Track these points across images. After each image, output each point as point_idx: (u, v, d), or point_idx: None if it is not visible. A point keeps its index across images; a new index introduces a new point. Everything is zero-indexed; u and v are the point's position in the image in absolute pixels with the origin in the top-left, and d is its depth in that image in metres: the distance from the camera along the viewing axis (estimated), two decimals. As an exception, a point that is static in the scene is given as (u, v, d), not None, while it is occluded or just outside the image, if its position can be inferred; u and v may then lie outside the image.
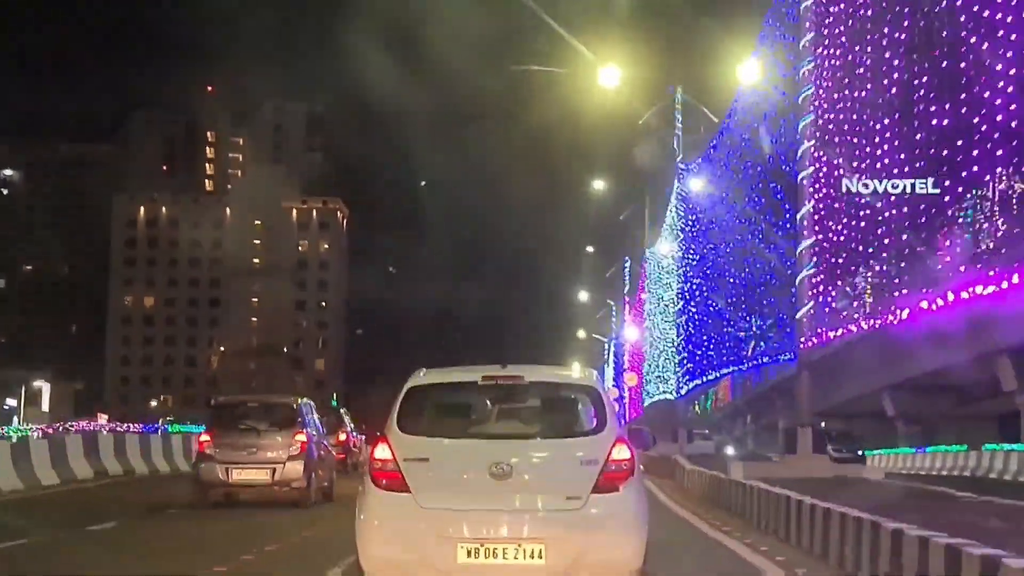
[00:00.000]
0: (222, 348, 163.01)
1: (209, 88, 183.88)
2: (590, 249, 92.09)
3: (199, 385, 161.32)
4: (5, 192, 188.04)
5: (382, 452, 8.96)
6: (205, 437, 21.14)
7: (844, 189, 43.92)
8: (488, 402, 9.40)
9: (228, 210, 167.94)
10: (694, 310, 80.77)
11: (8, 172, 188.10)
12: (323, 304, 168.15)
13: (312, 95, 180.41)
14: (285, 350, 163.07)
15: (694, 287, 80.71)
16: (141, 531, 16.82)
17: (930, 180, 41.75)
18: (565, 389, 9.68)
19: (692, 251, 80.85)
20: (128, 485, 26.51)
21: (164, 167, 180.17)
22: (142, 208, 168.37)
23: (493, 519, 8.74)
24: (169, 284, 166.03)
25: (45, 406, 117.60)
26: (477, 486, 8.82)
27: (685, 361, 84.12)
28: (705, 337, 79.19)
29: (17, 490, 22.68)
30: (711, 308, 77.05)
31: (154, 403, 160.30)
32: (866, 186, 43.01)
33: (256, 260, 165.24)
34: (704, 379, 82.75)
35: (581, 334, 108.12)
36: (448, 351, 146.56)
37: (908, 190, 42.70)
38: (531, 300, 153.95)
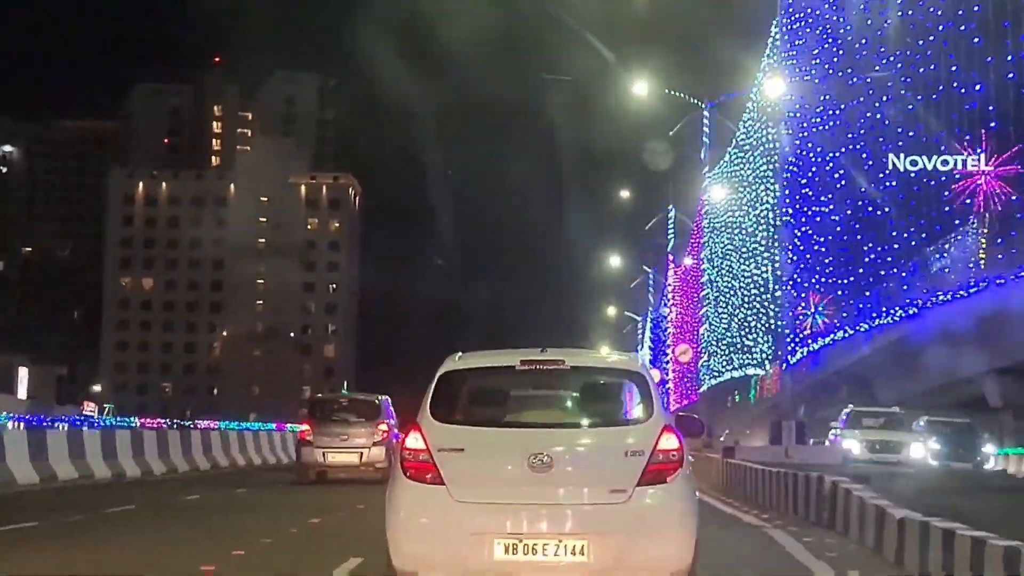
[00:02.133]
0: (224, 334, 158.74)
1: (216, 59, 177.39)
2: (625, 194, 77.50)
3: (199, 373, 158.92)
4: (4, 170, 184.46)
5: (414, 441, 8.76)
6: (305, 427, 26.84)
7: (891, 166, 44.01)
8: (527, 388, 9.18)
9: (232, 186, 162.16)
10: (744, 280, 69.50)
11: (7, 148, 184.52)
12: (333, 287, 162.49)
13: (325, 66, 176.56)
14: (292, 335, 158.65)
15: (750, 246, 69.17)
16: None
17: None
18: (608, 374, 9.42)
19: (749, 201, 69.47)
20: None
21: (168, 143, 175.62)
22: (140, 185, 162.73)
23: (532, 513, 8.51)
24: (168, 266, 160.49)
25: (22, 393, 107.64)
26: (515, 478, 8.56)
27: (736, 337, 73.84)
28: (753, 311, 68.30)
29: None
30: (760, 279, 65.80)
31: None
32: (914, 163, 43.23)
33: (261, 240, 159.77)
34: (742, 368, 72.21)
35: (611, 311, 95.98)
36: (463, 338, 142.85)
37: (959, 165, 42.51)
38: (553, 277, 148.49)
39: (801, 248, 60.26)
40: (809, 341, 65.61)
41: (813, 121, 60.27)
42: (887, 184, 51.68)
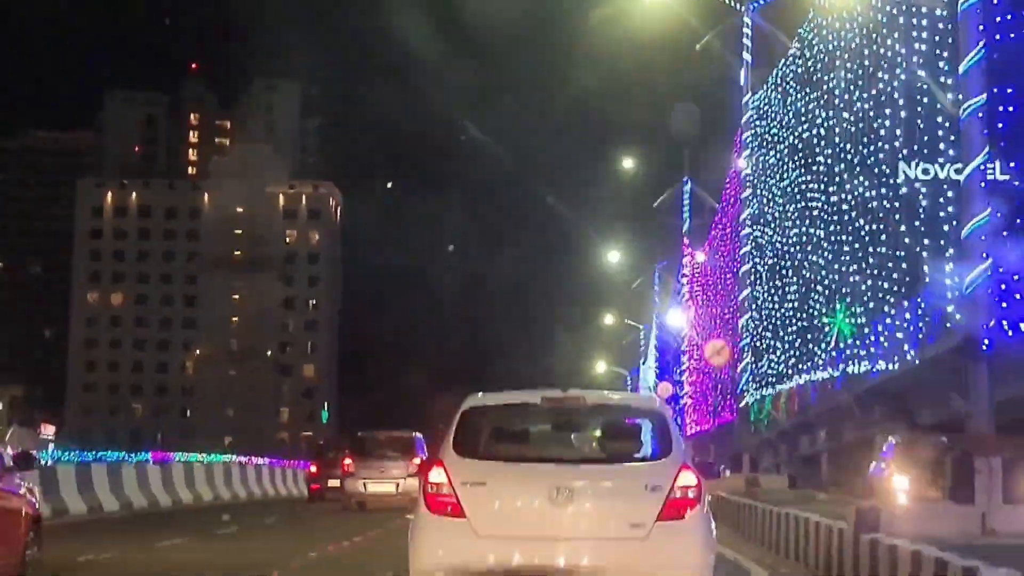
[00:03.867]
0: (198, 352, 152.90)
1: (193, 66, 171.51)
2: (628, 164, 65.50)
3: (172, 394, 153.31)
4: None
5: (437, 476, 9.03)
6: (349, 461, 30.69)
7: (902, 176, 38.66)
8: (548, 425, 9.52)
9: (206, 197, 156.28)
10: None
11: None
12: (313, 303, 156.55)
13: (307, 74, 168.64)
14: (269, 354, 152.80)
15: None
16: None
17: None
18: (628, 412, 9.86)
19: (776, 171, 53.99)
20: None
21: (141, 152, 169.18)
22: (109, 194, 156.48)
23: (553, 547, 8.77)
24: (139, 280, 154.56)
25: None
26: (537, 512, 8.86)
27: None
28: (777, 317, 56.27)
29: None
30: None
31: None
32: (926, 172, 37.85)
33: (237, 252, 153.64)
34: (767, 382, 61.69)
35: (608, 320, 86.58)
36: (448, 356, 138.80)
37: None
38: (538, 296, 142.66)
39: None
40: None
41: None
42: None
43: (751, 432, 63.12)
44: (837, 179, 47.30)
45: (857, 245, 43.42)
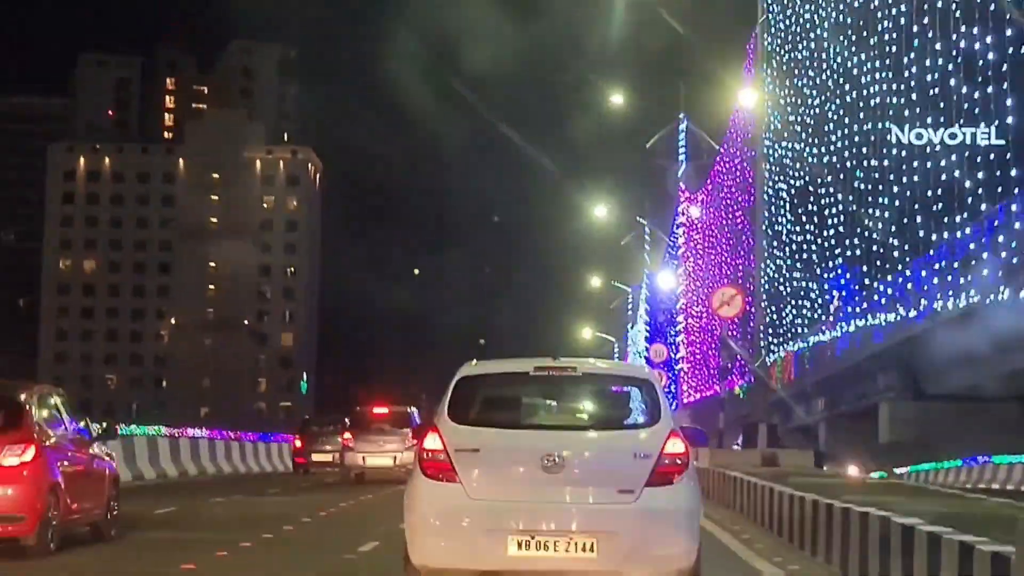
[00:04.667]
0: (173, 321, 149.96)
1: (169, 29, 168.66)
2: (617, 100, 60.18)
3: (147, 364, 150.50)
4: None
5: (432, 442, 9.28)
6: (348, 435, 31.87)
7: (895, 140, 40.76)
8: (540, 393, 9.78)
9: (181, 162, 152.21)
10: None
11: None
12: (291, 270, 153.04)
13: (287, 37, 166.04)
14: (246, 323, 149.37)
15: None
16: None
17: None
18: (618, 381, 10.17)
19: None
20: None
21: (115, 117, 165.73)
22: (81, 159, 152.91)
23: (544, 511, 9.03)
24: (112, 247, 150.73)
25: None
26: (528, 478, 9.10)
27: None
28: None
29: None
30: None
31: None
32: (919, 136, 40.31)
33: (213, 219, 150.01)
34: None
35: (595, 283, 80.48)
36: (432, 326, 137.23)
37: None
38: (526, 257, 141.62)
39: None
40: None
41: None
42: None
43: (767, 397, 58.48)
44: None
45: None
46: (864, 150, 48.66)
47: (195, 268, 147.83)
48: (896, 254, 47.80)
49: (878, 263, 50.99)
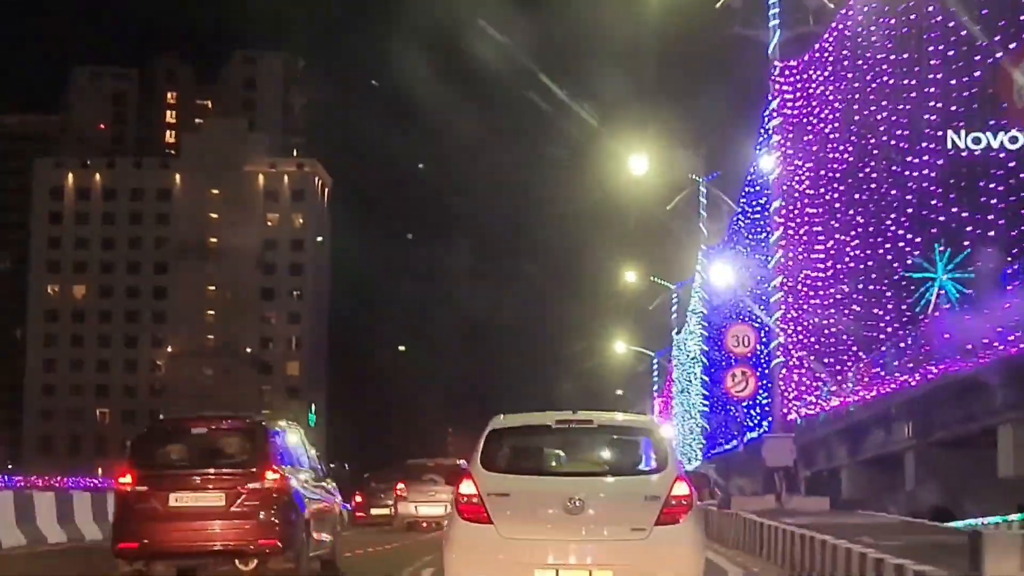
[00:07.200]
0: (170, 349, 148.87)
1: (169, 41, 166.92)
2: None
3: (142, 395, 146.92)
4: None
5: (467, 488, 11.08)
6: (401, 486, 35.20)
7: (951, 145, 37.87)
8: (560, 443, 11.54)
9: (177, 177, 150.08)
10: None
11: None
12: (296, 293, 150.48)
13: (291, 44, 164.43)
14: (248, 351, 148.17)
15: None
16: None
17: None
18: (630, 432, 11.85)
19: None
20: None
21: (109, 131, 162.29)
22: (70, 176, 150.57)
23: (567, 548, 10.81)
24: (103, 269, 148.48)
25: None
26: (553, 518, 10.84)
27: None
28: None
29: None
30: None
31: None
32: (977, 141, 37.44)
33: (212, 239, 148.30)
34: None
35: (619, 349, 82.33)
36: (444, 354, 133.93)
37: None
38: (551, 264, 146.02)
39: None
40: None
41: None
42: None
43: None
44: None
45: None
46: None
47: (193, 292, 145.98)
48: None
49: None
